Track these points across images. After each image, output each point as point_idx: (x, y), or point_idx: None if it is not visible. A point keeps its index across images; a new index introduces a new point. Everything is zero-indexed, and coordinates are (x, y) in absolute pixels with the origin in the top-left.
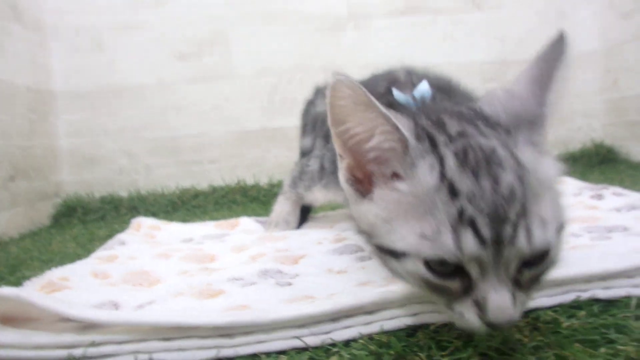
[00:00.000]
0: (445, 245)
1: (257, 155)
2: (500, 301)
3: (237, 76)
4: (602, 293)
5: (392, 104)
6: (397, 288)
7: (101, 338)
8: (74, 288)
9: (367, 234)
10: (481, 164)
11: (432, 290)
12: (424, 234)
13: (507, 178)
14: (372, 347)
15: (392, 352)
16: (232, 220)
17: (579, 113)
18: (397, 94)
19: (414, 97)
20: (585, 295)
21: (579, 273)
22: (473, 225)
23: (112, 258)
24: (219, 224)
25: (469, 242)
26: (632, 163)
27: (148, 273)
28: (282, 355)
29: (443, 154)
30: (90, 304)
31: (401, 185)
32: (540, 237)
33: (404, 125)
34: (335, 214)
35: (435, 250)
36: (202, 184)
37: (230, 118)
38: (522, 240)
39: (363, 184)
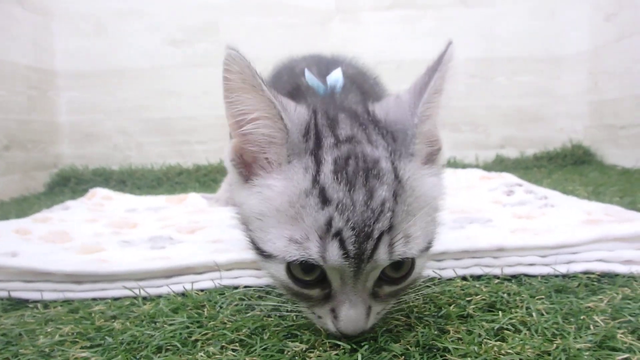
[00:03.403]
0: (311, 252)
1: None
2: (353, 315)
3: None
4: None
5: (300, 86)
6: (223, 256)
7: None
8: None
9: (244, 224)
10: (359, 176)
11: (294, 295)
12: (292, 238)
13: (382, 193)
14: (177, 299)
15: (190, 303)
16: (181, 195)
17: (563, 114)
18: (309, 76)
19: (325, 83)
20: None
21: None
22: (339, 238)
23: (45, 219)
24: (168, 198)
25: (334, 253)
26: (603, 165)
27: (66, 233)
28: (111, 300)
29: (322, 158)
30: None
31: (276, 184)
32: (400, 252)
33: (291, 116)
34: None
35: (301, 254)
36: (189, 163)
37: (219, 103)
38: (382, 254)
39: (247, 168)
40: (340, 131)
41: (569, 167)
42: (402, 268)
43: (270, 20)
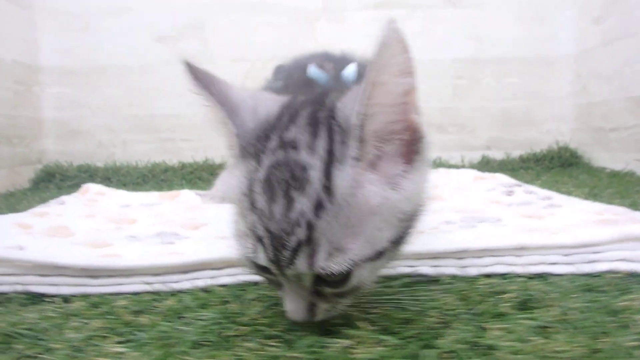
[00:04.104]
0: (248, 249)
1: None
2: (292, 307)
3: (212, 62)
4: (427, 270)
5: (299, 79)
6: None
7: None
8: None
9: None
10: (281, 186)
11: (261, 276)
12: (239, 231)
13: (301, 206)
14: (202, 295)
15: (215, 298)
16: (174, 192)
17: (550, 117)
18: (312, 70)
19: (336, 76)
20: (407, 270)
21: (408, 251)
22: (262, 243)
23: (43, 214)
24: (161, 194)
25: (261, 256)
26: (591, 168)
27: (66, 227)
28: (132, 295)
29: (261, 162)
30: None
31: (232, 178)
32: (322, 264)
33: (241, 119)
34: None
35: (243, 249)
36: (174, 161)
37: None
38: (301, 265)
39: None
40: (287, 134)
41: (556, 169)
42: (336, 276)
43: (257, 19)
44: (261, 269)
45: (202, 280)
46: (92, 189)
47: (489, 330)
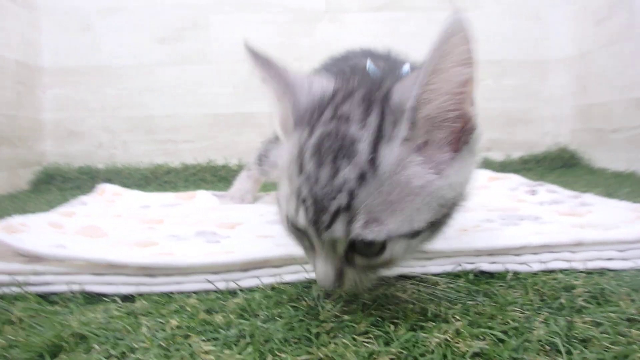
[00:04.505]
0: (290, 211)
1: (228, 138)
2: (321, 272)
3: (213, 62)
4: (487, 266)
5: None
6: None
7: (43, 268)
8: (30, 232)
9: None
10: (329, 154)
11: (297, 243)
12: (286, 195)
13: (346, 174)
14: (270, 293)
15: (285, 296)
16: (190, 193)
17: (548, 117)
18: (370, 65)
19: (393, 71)
20: (469, 267)
21: (465, 247)
22: (305, 205)
23: (70, 214)
24: (177, 195)
25: (301, 217)
26: (592, 168)
27: (99, 227)
28: (193, 295)
29: (314, 131)
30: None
31: (285, 146)
32: (359, 231)
33: (298, 93)
34: None
35: (287, 211)
36: (176, 162)
37: (205, 101)
38: (338, 231)
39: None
40: (342, 108)
41: (558, 170)
42: (371, 247)
43: (259, 19)
44: (298, 233)
45: (266, 278)
46: (108, 190)
47: (576, 323)
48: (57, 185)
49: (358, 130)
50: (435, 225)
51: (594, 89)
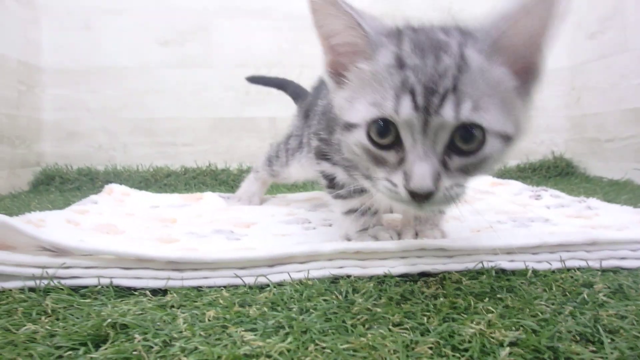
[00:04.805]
0: (387, 108)
1: (229, 142)
2: (421, 171)
3: (216, 66)
4: (507, 264)
5: None
6: (327, 245)
7: (71, 262)
8: (49, 228)
9: (336, 118)
10: (429, 47)
11: (374, 161)
12: (373, 102)
13: (447, 60)
14: (298, 287)
15: (314, 290)
16: (197, 194)
17: (543, 128)
18: None
19: None
20: (490, 264)
21: (484, 245)
22: (412, 92)
23: (84, 212)
24: (184, 196)
25: (406, 105)
26: (588, 177)
27: (115, 225)
28: (223, 289)
29: (402, 41)
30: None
31: (363, 65)
32: (466, 114)
33: (369, 23)
34: (293, 196)
35: (380, 112)
36: (176, 165)
37: (206, 105)
38: (447, 112)
39: (339, 76)
40: (421, 29)
41: (554, 179)
42: (472, 141)
43: (262, 25)
44: (382, 147)
45: (294, 273)
46: (116, 189)
47: (601, 316)
48: (56, 186)
49: (446, 37)
50: (508, 144)
51: (588, 100)
